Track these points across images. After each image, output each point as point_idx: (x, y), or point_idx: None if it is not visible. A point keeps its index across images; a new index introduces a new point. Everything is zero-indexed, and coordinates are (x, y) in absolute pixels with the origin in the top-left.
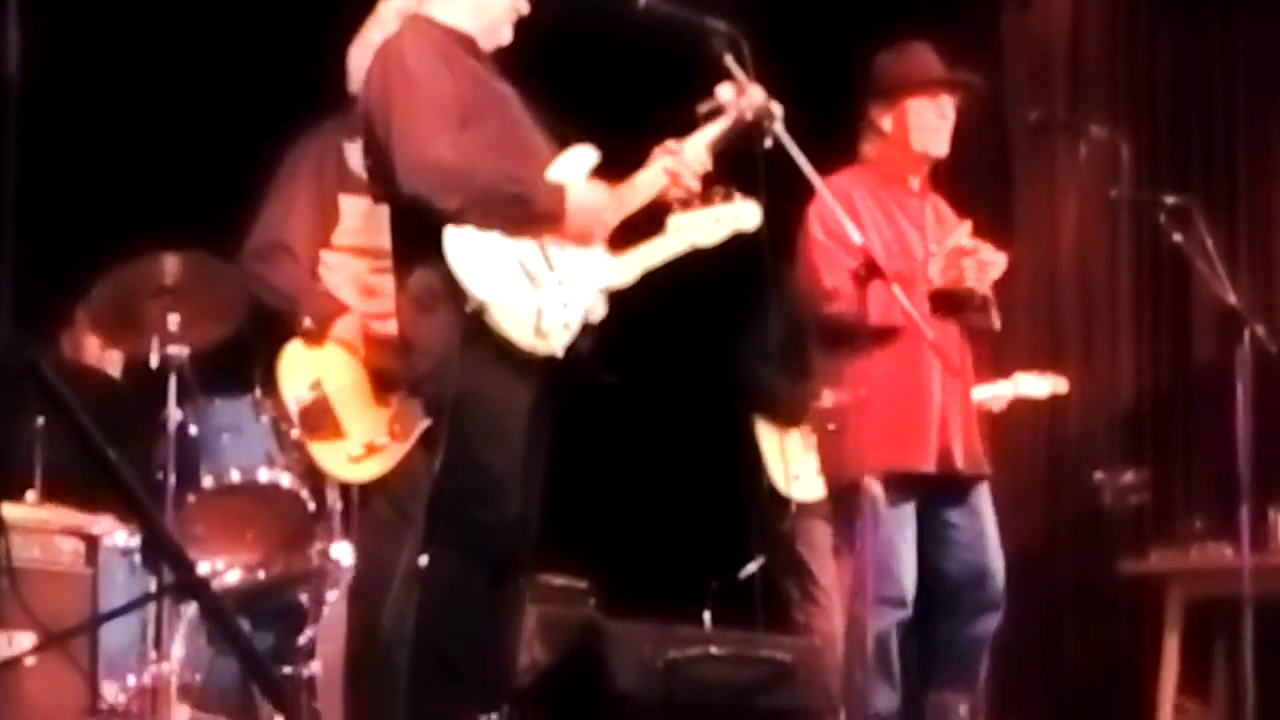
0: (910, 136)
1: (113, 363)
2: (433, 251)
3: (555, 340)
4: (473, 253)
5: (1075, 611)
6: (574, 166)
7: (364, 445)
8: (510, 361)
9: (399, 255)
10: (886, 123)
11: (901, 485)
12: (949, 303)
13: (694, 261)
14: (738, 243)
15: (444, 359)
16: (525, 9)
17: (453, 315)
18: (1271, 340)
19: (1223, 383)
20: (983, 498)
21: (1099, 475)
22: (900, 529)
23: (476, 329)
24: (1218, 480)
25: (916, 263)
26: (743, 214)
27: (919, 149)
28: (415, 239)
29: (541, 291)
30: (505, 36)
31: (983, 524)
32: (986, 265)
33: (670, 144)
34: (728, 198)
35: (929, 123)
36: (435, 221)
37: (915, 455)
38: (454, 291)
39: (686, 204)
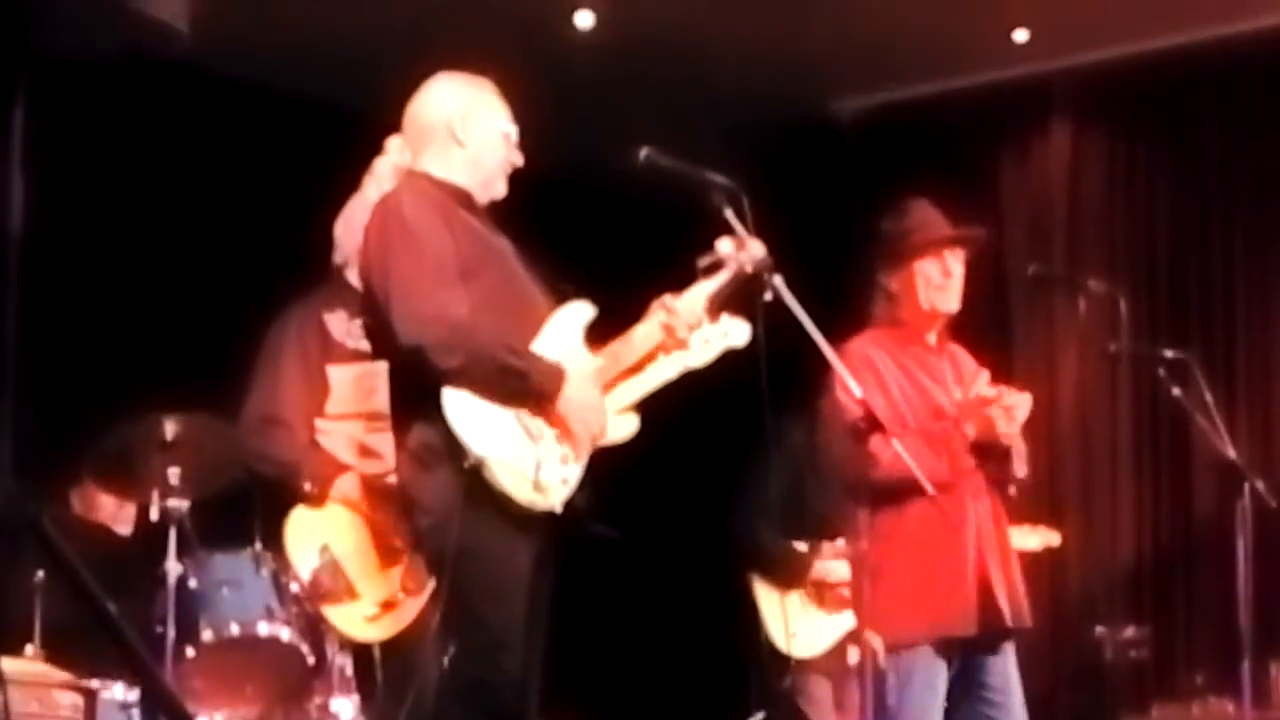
0: (918, 296)
1: (125, 519)
2: (431, 408)
3: (554, 496)
4: (471, 409)
5: None
6: (570, 322)
7: (379, 604)
8: (510, 517)
9: (398, 413)
10: (894, 285)
11: (940, 645)
12: (981, 454)
13: (696, 417)
14: (740, 399)
15: (444, 516)
16: (519, 161)
17: (452, 472)
18: (1272, 494)
19: (1223, 537)
20: (1011, 657)
21: (1099, 630)
22: (930, 689)
23: (476, 485)
24: (1219, 635)
25: (946, 419)
26: (731, 332)
27: (927, 308)
28: (414, 396)
29: (540, 447)
30: (500, 190)
31: (1011, 687)
32: (1013, 409)
33: (666, 299)
34: (715, 317)
35: (934, 281)
36: (433, 379)
37: (957, 619)
38: (453, 448)
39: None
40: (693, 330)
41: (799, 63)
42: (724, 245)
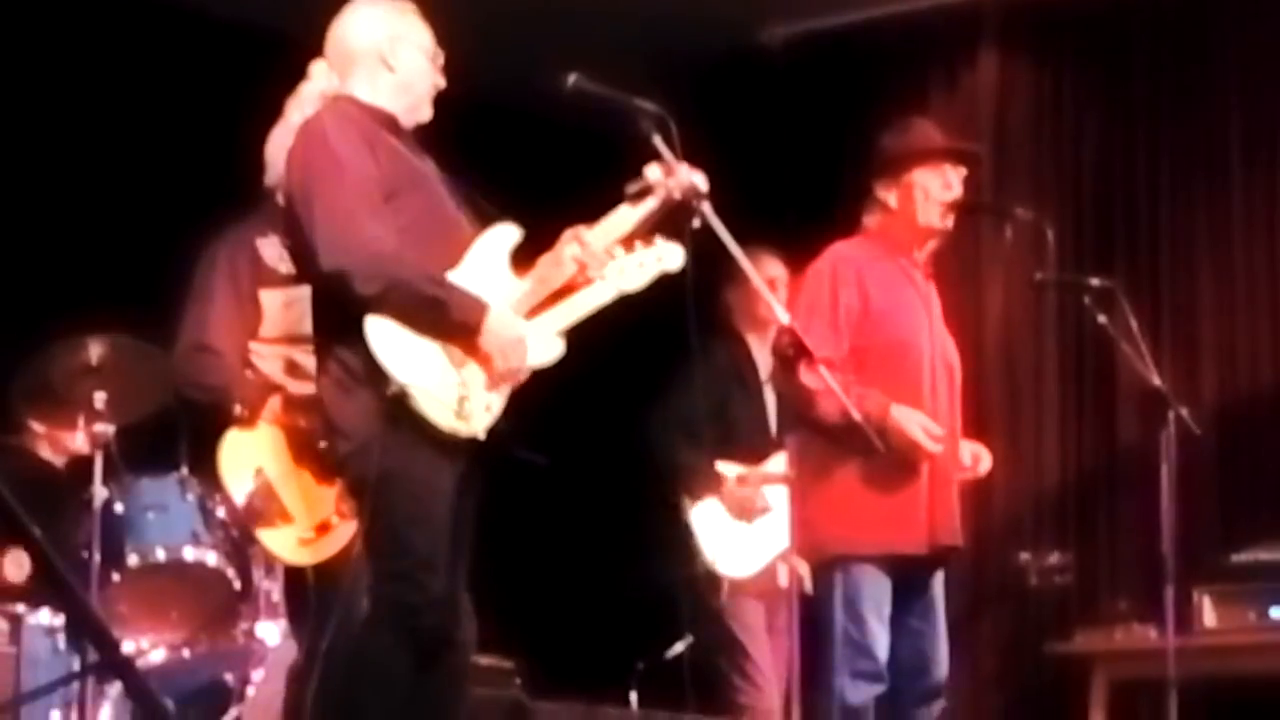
0: (916, 210)
1: (55, 445)
2: (353, 334)
3: (477, 422)
4: (394, 335)
5: (1000, 692)
6: (495, 245)
7: (313, 527)
8: (432, 443)
9: (320, 336)
10: (892, 198)
11: (881, 563)
12: None
13: (625, 339)
14: (668, 323)
15: (365, 441)
16: (443, 84)
17: (374, 397)
18: (1195, 422)
19: (1147, 464)
20: (939, 584)
21: (1024, 556)
22: (875, 605)
23: (398, 411)
24: (1142, 562)
25: (919, 340)
26: (666, 255)
27: (924, 222)
28: (336, 321)
29: (463, 373)
30: (425, 114)
31: (935, 614)
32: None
33: (579, 231)
34: (649, 241)
35: (934, 194)
36: (354, 305)
37: (910, 538)
38: (375, 374)
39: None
40: (604, 266)
41: None
42: (652, 172)
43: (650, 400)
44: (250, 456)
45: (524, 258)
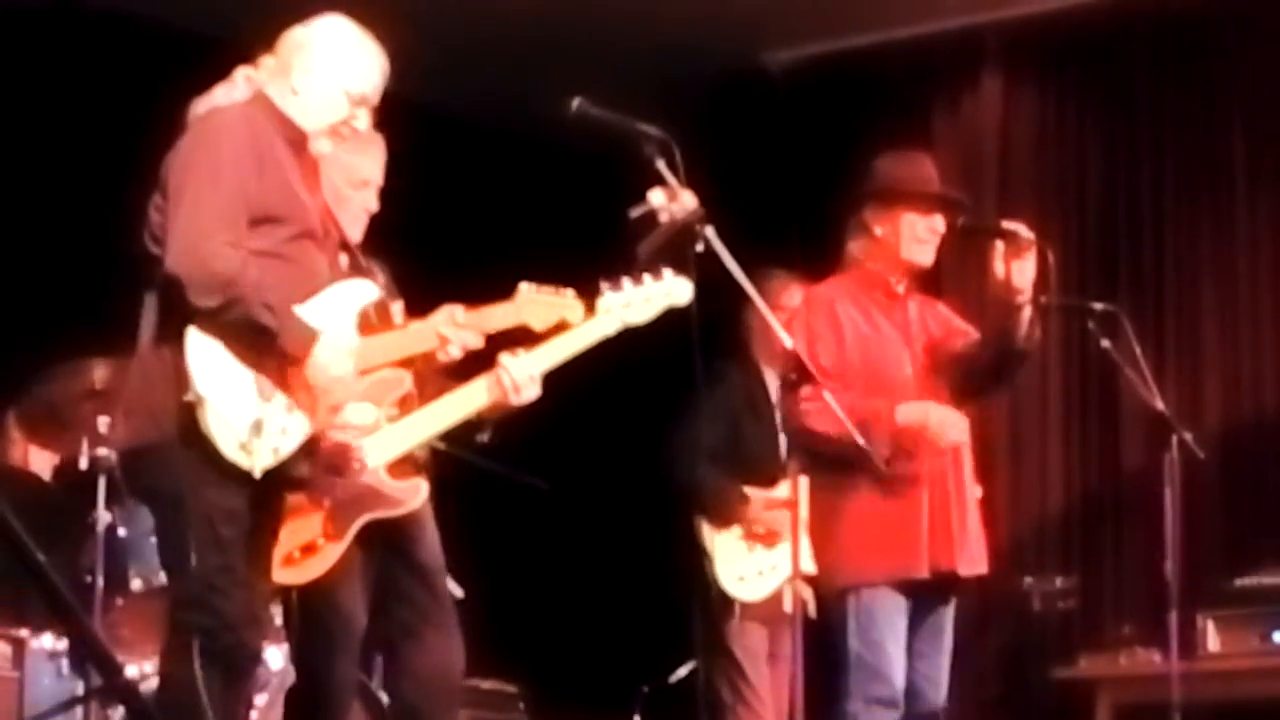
0: (900, 245)
1: (41, 465)
2: (176, 333)
3: (258, 459)
4: (213, 350)
5: (1004, 717)
6: (345, 298)
7: (299, 547)
8: (220, 466)
9: (159, 317)
10: (880, 229)
11: (896, 586)
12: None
13: (631, 363)
14: (675, 346)
15: (159, 444)
16: (361, 127)
17: (171, 399)
18: (1199, 446)
19: (1151, 488)
20: (949, 613)
21: (1028, 581)
22: (891, 629)
23: (186, 421)
24: (1146, 586)
25: (900, 371)
26: (674, 290)
27: (906, 257)
28: (169, 314)
29: (266, 409)
30: (323, 148)
31: (940, 638)
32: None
33: (458, 311)
34: (657, 275)
35: (919, 234)
36: (187, 312)
37: (909, 561)
38: (180, 376)
39: (616, 284)
40: (462, 350)
41: (731, 15)
42: (656, 196)
43: (659, 424)
44: None
45: (516, 280)
